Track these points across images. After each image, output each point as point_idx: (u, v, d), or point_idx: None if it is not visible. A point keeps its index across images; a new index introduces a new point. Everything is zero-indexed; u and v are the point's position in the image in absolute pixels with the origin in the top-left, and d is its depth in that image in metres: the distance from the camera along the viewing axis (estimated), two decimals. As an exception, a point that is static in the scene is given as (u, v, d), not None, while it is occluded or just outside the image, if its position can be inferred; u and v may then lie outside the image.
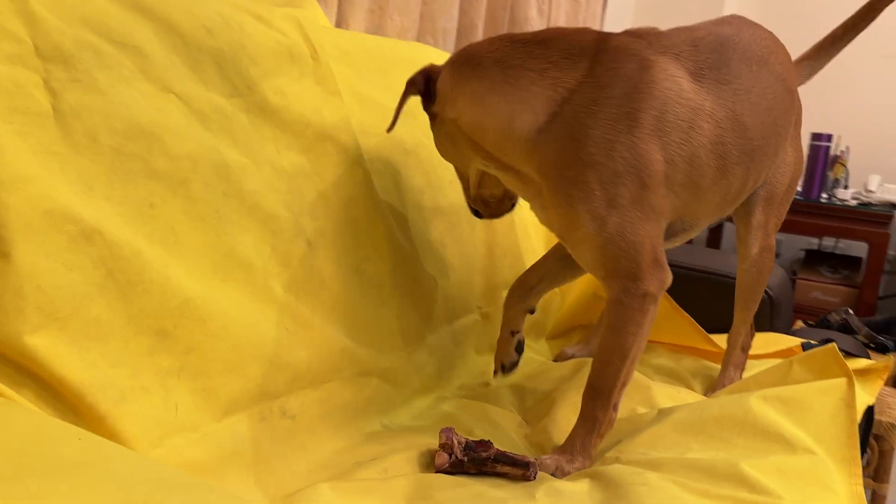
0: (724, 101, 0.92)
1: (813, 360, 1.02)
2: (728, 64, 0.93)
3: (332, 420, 0.91)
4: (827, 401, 0.92)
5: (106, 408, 0.64)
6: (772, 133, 1.00)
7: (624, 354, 0.89)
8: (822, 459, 0.86)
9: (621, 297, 0.88)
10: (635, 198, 0.86)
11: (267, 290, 0.84)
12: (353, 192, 0.99)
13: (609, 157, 0.85)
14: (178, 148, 0.77)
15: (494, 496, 0.75)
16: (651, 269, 0.88)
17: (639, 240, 0.86)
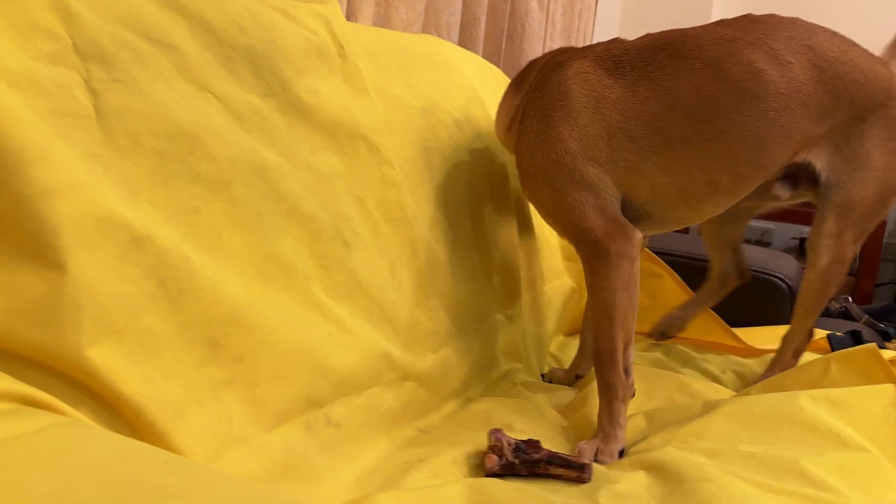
0: (637, 92, 1.03)
1: (853, 362, 1.02)
2: (655, 62, 1.04)
3: (373, 427, 0.89)
4: (876, 405, 0.91)
5: (165, 424, 0.61)
6: (725, 126, 1.01)
7: (607, 312, 0.98)
8: (876, 457, 0.85)
9: (588, 259, 1.00)
10: (568, 174, 1.01)
11: (308, 294, 0.82)
12: (383, 192, 0.96)
13: (539, 145, 1.03)
14: (219, 150, 0.74)
15: (555, 502, 0.73)
16: (607, 230, 0.99)
17: (581, 210, 1.00)
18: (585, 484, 0.81)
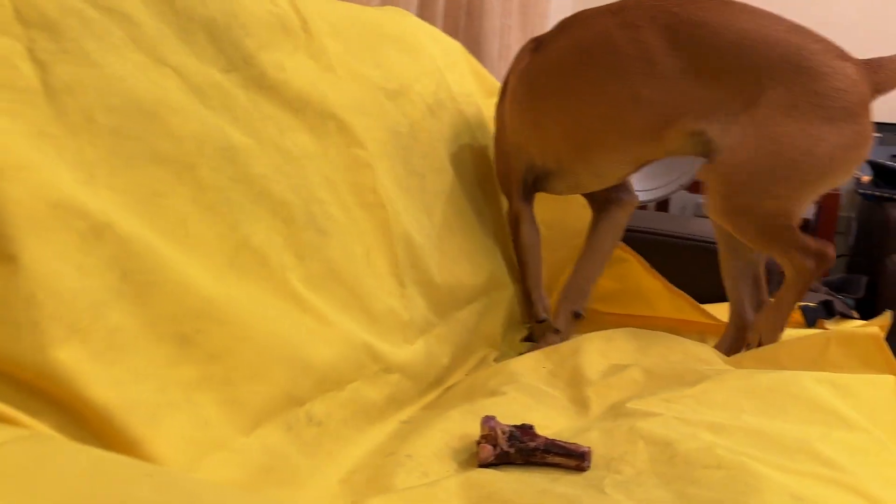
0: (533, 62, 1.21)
1: (854, 345, 1.00)
2: (553, 36, 1.21)
3: (356, 423, 0.83)
4: (877, 393, 0.91)
5: (138, 430, 0.55)
6: (578, 85, 1.16)
7: (517, 257, 1.30)
8: (881, 438, 0.83)
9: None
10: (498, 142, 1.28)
11: (284, 286, 0.76)
12: (356, 175, 0.91)
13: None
14: (180, 128, 0.68)
15: (562, 493, 0.69)
16: (513, 196, 1.26)
17: (505, 174, 1.27)
18: (585, 472, 0.77)
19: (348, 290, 0.85)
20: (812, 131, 1.01)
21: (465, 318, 1.10)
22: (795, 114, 1.02)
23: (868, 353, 0.98)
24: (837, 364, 0.98)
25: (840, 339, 1.01)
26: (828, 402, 0.87)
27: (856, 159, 1.04)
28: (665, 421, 0.83)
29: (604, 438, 0.84)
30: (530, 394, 0.98)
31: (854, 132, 1.02)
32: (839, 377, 0.92)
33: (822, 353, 1.01)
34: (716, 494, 0.67)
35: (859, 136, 1.02)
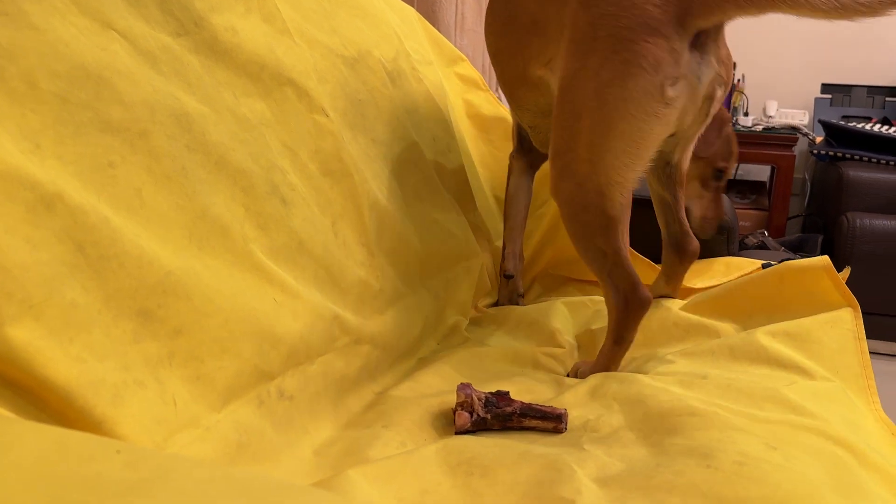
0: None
1: (805, 278, 1.01)
2: None
3: (329, 395, 0.82)
4: (834, 333, 0.91)
5: (102, 410, 0.52)
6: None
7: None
8: (840, 386, 0.84)
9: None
10: None
11: (248, 258, 0.73)
12: (318, 142, 0.88)
13: None
14: (130, 94, 0.64)
15: (542, 453, 0.68)
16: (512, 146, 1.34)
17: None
18: (563, 434, 0.77)
19: (315, 262, 0.83)
20: (584, 69, 0.91)
21: (435, 286, 1.08)
22: (573, 50, 0.93)
23: (821, 284, 0.99)
24: (793, 300, 0.99)
25: (792, 274, 1.02)
26: (787, 356, 0.88)
27: (642, 97, 0.88)
28: (636, 379, 0.83)
29: (579, 403, 0.84)
30: (507, 362, 0.98)
31: (624, 61, 0.88)
32: (795, 326, 0.93)
33: (778, 291, 1.02)
34: (692, 445, 0.67)
35: (630, 66, 0.87)
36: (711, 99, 0.96)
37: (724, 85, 0.96)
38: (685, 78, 0.89)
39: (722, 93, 0.97)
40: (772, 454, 0.61)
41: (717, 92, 0.96)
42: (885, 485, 0.63)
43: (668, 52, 0.87)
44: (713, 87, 0.95)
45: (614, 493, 0.60)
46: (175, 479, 0.37)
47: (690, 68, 0.90)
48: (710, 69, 0.93)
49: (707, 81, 0.93)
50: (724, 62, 0.95)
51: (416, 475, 0.67)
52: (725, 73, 0.95)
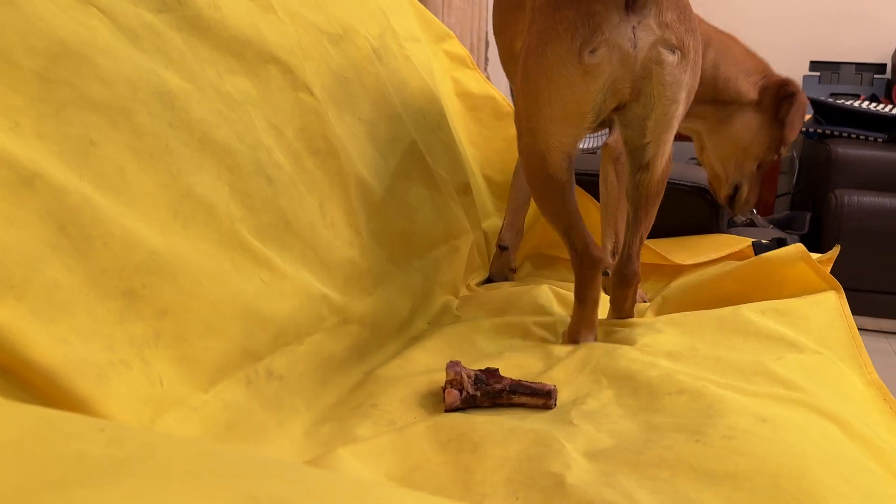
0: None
1: (782, 267, 1.01)
2: None
3: (318, 376, 0.81)
4: (820, 311, 0.91)
5: (87, 391, 0.52)
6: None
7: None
8: (830, 358, 0.84)
9: None
10: None
11: (234, 237, 0.72)
12: (303, 121, 0.87)
13: None
14: (113, 71, 0.63)
15: (531, 428, 0.68)
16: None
17: None
18: (552, 409, 0.77)
19: (302, 241, 0.82)
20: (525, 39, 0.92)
21: (424, 266, 1.08)
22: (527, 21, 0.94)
23: (800, 272, 0.99)
24: (773, 290, 0.99)
25: (770, 266, 1.02)
26: (775, 330, 0.88)
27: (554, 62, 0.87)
28: (624, 353, 0.83)
29: (568, 378, 0.84)
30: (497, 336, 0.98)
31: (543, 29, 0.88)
32: (782, 303, 0.93)
33: (757, 283, 1.02)
34: (681, 420, 0.67)
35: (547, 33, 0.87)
36: (660, 65, 0.87)
37: (674, 49, 0.87)
38: (609, 43, 0.85)
39: (675, 58, 0.88)
40: (760, 427, 0.61)
41: (665, 57, 0.87)
42: (872, 456, 0.63)
43: (587, 16, 0.84)
44: (656, 52, 0.87)
45: (603, 468, 0.61)
46: (161, 456, 0.37)
47: (620, 32, 0.85)
48: (649, 33, 0.86)
49: (645, 46, 0.86)
50: (670, 25, 0.87)
51: (405, 452, 0.67)
52: (675, 36, 0.87)
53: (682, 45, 0.87)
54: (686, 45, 0.88)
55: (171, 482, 0.33)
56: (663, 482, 0.57)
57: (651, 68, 0.87)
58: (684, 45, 0.88)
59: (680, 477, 0.57)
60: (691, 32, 0.89)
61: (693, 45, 0.89)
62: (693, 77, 0.91)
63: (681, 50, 0.88)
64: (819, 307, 0.93)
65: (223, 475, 0.36)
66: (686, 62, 0.89)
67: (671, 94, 0.90)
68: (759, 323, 0.89)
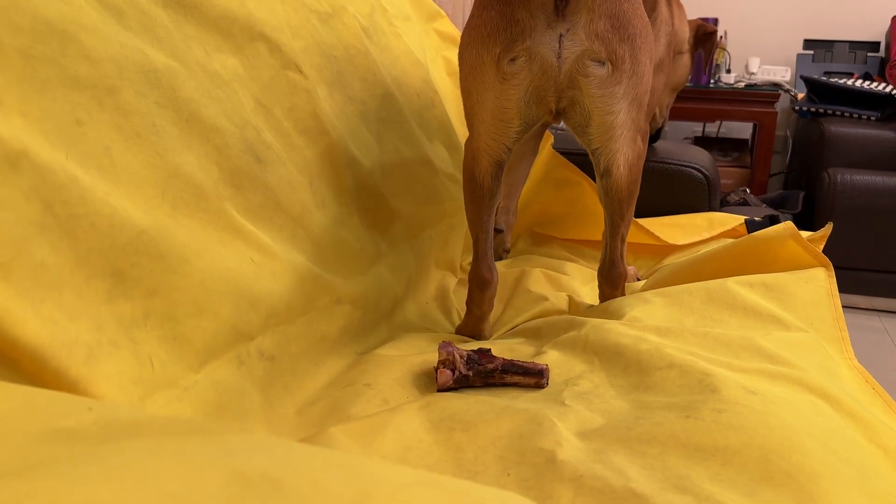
0: None
1: (771, 245, 1.00)
2: None
3: (310, 356, 0.81)
4: (808, 288, 0.91)
5: (76, 371, 0.52)
6: None
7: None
8: (816, 337, 0.85)
9: None
10: None
11: (223, 217, 0.72)
12: (292, 99, 0.86)
13: None
14: (98, 49, 0.62)
15: (523, 408, 0.68)
16: None
17: None
18: (544, 389, 0.77)
19: (293, 221, 0.82)
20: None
21: (419, 245, 1.08)
22: None
23: (789, 250, 0.98)
24: (763, 267, 0.99)
25: (759, 245, 1.01)
26: (763, 305, 0.88)
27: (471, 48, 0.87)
28: (613, 328, 0.83)
29: (560, 358, 0.84)
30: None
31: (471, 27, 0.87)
32: (771, 278, 0.93)
33: (747, 261, 1.02)
34: (671, 395, 0.67)
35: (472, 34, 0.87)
36: (587, 77, 0.84)
37: (602, 62, 0.84)
38: (531, 52, 0.83)
39: (604, 72, 0.84)
40: (750, 399, 0.61)
41: (593, 70, 0.84)
42: (861, 431, 0.64)
43: (510, 21, 0.82)
44: (583, 64, 0.83)
45: (594, 445, 0.61)
46: (149, 434, 0.37)
47: (544, 41, 0.82)
48: (576, 44, 0.82)
49: (571, 58, 0.83)
50: (600, 36, 0.83)
51: (398, 432, 0.67)
52: (605, 49, 0.83)
53: (612, 58, 0.84)
54: (619, 57, 0.84)
55: (159, 460, 0.33)
56: (653, 458, 0.57)
57: (578, 80, 0.84)
58: (616, 57, 0.84)
59: (670, 452, 0.57)
60: (628, 41, 0.84)
61: (630, 54, 0.84)
62: (636, 84, 0.87)
63: (612, 62, 0.84)
64: (807, 284, 0.93)
65: (211, 453, 0.36)
66: (620, 73, 0.85)
67: (604, 106, 0.86)
68: (746, 297, 0.89)
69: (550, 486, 0.56)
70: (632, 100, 0.87)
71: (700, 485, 0.53)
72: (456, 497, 0.35)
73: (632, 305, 0.92)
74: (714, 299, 0.91)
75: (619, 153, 0.90)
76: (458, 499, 0.35)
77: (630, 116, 0.88)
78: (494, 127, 0.89)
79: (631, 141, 0.90)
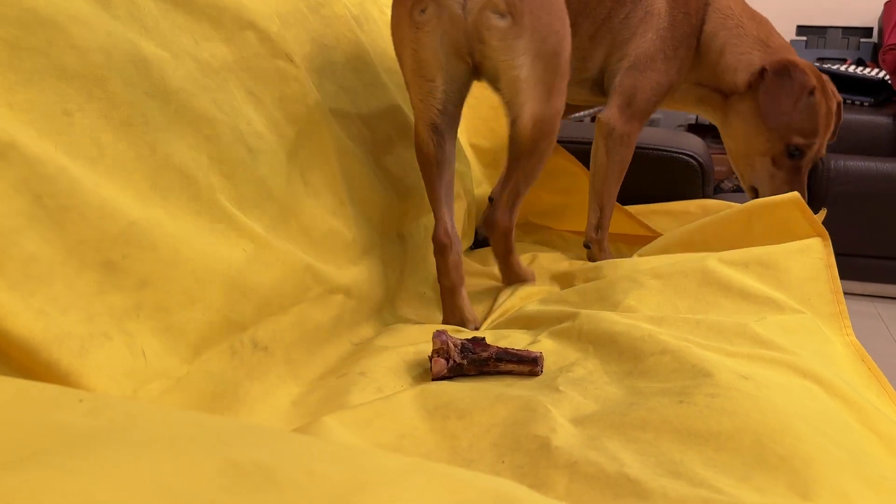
0: None
1: (774, 213, 1.01)
2: None
3: (304, 346, 0.81)
4: (805, 261, 0.91)
5: (68, 363, 0.52)
6: None
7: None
8: (810, 317, 0.85)
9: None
10: None
11: (214, 207, 0.72)
12: (284, 89, 0.86)
13: None
14: (86, 40, 0.62)
15: (517, 395, 0.68)
16: None
17: None
18: (538, 377, 0.77)
19: (285, 210, 0.82)
20: None
21: (413, 234, 1.08)
22: None
23: (790, 218, 0.98)
24: (762, 235, 0.99)
25: (761, 211, 1.01)
26: (757, 288, 0.88)
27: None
28: (607, 317, 0.83)
29: (554, 346, 0.84)
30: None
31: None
32: (765, 253, 0.92)
33: (748, 228, 1.02)
34: (665, 381, 0.67)
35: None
36: (490, 30, 0.89)
37: (503, 14, 0.89)
38: (438, 3, 0.89)
39: (505, 24, 0.89)
40: (744, 384, 0.61)
41: (494, 22, 0.89)
42: (853, 414, 0.64)
43: None
44: (485, 16, 0.88)
45: (588, 431, 0.61)
46: (140, 425, 0.37)
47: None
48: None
49: (475, 10, 0.88)
50: None
51: (393, 420, 0.67)
52: (504, 2, 0.88)
53: (512, 10, 0.88)
54: (518, 11, 0.88)
55: (151, 451, 0.33)
56: (647, 443, 0.57)
57: (483, 32, 0.90)
58: (516, 10, 0.88)
59: (664, 438, 0.57)
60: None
61: (531, 11, 0.89)
62: (539, 41, 0.91)
63: (511, 15, 0.88)
64: (803, 256, 0.92)
65: (204, 443, 0.36)
66: (520, 27, 0.89)
67: (507, 59, 0.91)
68: (740, 281, 0.89)
69: (545, 472, 0.56)
70: (536, 56, 0.91)
71: (694, 469, 0.53)
72: (451, 485, 0.35)
73: (626, 291, 0.92)
74: (709, 282, 0.91)
75: (524, 106, 0.94)
76: (452, 486, 0.35)
77: (536, 73, 0.92)
78: (419, 86, 0.95)
79: (542, 98, 0.94)
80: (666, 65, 1.22)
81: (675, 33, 1.22)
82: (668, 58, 1.21)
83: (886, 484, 0.54)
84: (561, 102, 0.99)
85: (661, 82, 1.21)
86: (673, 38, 1.22)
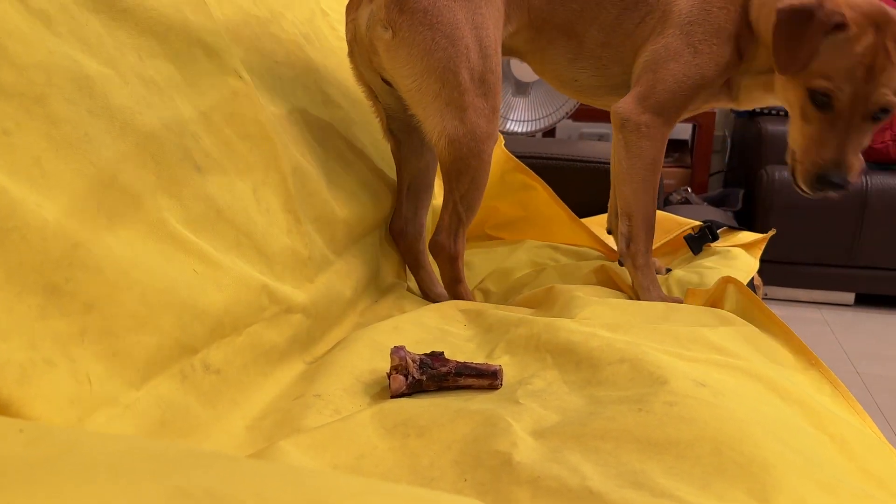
0: None
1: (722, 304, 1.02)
2: None
3: (258, 368, 0.79)
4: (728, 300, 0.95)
5: (8, 392, 0.49)
6: None
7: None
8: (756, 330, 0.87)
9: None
10: None
11: (162, 227, 0.70)
12: (233, 106, 0.84)
13: None
14: (24, 57, 0.60)
15: (478, 409, 0.68)
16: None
17: None
18: (498, 390, 0.77)
19: (237, 230, 0.80)
20: None
21: (367, 250, 1.07)
22: None
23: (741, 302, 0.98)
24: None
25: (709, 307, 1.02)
26: (707, 310, 0.90)
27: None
28: (564, 325, 0.83)
29: (513, 358, 0.84)
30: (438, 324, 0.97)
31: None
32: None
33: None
34: (624, 390, 0.68)
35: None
36: (378, 41, 0.98)
37: (385, 27, 0.97)
38: (354, 20, 1.01)
39: (388, 35, 0.96)
40: (700, 391, 0.62)
41: (380, 34, 0.97)
42: (807, 418, 0.65)
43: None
44: (376, 30, 0.97)
45: (550, 444, 0.60)
46: (84, 453, 0.35)
47: (360, 13, 1.00)
48: (365, 9, 0.99)
49: (371, 24, 0.97)
50: (387, 5, 0.96)
51: (351, 441, 0.65)
52: (386, 15, 0.96)
53: (392, 24, 0.96)
54: (397, 24, 0.95)
55: (95, 479, 0.31)
56: (608, 454, 0.57)
57: (375, 44, 0.99)
58: (395, 24, 0.95)
59: (624, 448, 0.57)
60: (408, 12, 0.95)
61: (409, 25, 0.95)
62: (424, 55, 0.95)
63: (391, 28, 0.96)
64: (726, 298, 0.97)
65: (151, 470, 0.34)
66: (398, 40, 0.96)
67: (393, 68, 0.98)
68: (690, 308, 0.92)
69: (508, 489, 0.56)
70: (425, 70, 0.96)
71: (655, 479, 0.53)
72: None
73: (581, 307, 0.93)
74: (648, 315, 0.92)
75: (427, 121, 0.99)
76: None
77: (431, 88, 0.96)
78: (366, 96, 1.07)
79: (450, 116, 0.98)
80: (696, 58, 1.10)
81: (707, 27, 1.11)
82: (697, 52, 1.10)
83: (842, 487, 0.54)
84: (481, 122, 0.99)
85: (688, 75, 1.10)
86: (704, 32, 1.11)
